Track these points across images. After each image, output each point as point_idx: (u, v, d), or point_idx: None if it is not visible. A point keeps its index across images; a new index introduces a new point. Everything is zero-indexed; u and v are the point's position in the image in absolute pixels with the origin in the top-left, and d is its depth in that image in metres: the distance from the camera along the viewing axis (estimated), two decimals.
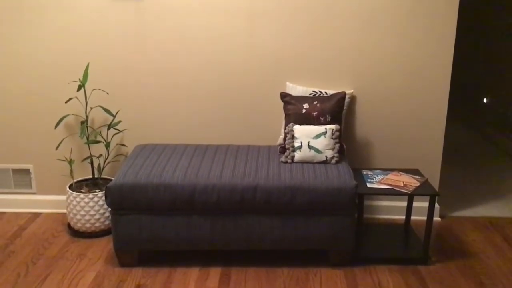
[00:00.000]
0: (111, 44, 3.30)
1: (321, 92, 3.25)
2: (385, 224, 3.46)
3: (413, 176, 3.08)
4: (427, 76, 3.30)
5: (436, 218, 3.55)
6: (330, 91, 3.23)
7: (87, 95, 3.31)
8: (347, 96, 3.21)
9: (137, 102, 3.41)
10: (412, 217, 3.43)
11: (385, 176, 3.07)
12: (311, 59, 3.30)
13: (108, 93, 3.37)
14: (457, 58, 3.59)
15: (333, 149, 3.01)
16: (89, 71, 3.31)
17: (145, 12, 3.24)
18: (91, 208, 3.18)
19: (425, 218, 2.96)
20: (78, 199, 3.16)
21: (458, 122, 6.09)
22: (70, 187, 3.29)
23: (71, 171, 3.34)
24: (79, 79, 3.22)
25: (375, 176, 3.07)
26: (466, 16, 4.74)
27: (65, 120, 3.34)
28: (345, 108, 3.22)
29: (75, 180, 3.37)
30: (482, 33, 5.83)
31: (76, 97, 3.32)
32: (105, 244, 3.16)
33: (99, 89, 3.35)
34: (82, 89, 3.24)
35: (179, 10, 3.23)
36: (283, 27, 3.24)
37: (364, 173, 3.12)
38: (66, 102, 3.31)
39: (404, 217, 3.43)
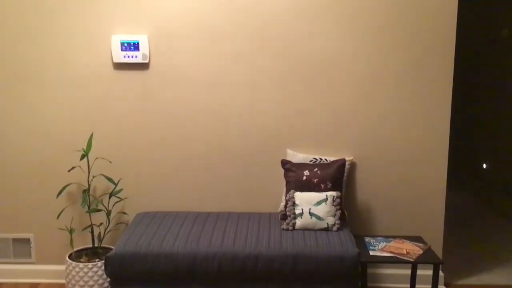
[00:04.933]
0: (114, 114, 3.38)
1: (321, 159, 3.28)
2: None
3: (416, 243, 3.05)
4: (425, 143, 3.35)
5: (441, 287, 3.47)
6: (330, 158, 3.27)
7: (90, 164, 3.34)
8: (347, 163, 3.24)
9: (139, 170, 3.44)
10: (417, 286, 3.36)
11: (387, 243, 3.04)
12: (311, 127, 3.36)
13: (110, 162, 3.41)
14: (456, 124, 3.65)
15: (334, 216, 3.00)
16: (92, 140, 3.35)
17: (148, 83, 3.33)
18: (90, 278, 3.13)
19: (430, 286, 2.91)
20: (77, 269, 3.12)
21: (459, 188, 6.09)
22: (70, 256, 3.25)
23: (71, 240, 3.32)
24: (83, 149, 3.27)
25: (377, 243, 3.04)
26: (463, 82, 4.86)
27: (67, 188, 3.35)
28: (345, 174, 3.24)
29: (75, 250, 3.34)
30: (479, 99, 5.95)
31: (79, 166, 3.35)
32: None
33: (102, 158, 3.39)
34: (85, 158, 3.28)
35: (182, 81, 3.33)
36: (283, 96, 3.33)
37: (367, 240, 3.10)
38: (69, 171, 3.34)
39: (408, 285, 3.37)
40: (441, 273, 3.45)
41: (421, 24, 3.22)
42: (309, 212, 2.99)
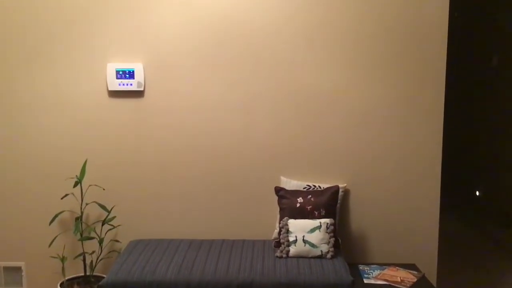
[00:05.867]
0: (109, 141, 3.39)
1: (314, 186, 3.29)
2: None
3: (410, 271, 3.04)
4: (418, 170, 3.36)
5: None
6: (324, 185, 3.28)
7: (83, 191, 3.33)
8: (340, 190, 3.24)
9: (133, 197, 3.44)
10: None
11: (381, 271, 3.04)
12: (305, 154, 3.38)
13: (104, 189, 3.40)
14: (448, 151, 3.67)
15: (328, 243, 2.99)
16: (86, 167, 3.35)
17: (143, 111, 3.35)
18: None
19: None
20: None
21: (452, 215, 6.09)
22: (62, 285, 3.21)
23: (63, 268, 3.29)
24: (76, 176, 3.26)
25: (371, 271, 3.04)
26: (455, 110, 4.92)
27: (60, 216, 3.33)
28: (339, 202, 3.24)
29: (66, 278, 3.31)
30: (472, 126, 6.01)
31: (72, 193, 3.34)
32: None
33: (95, 185, 3.39)
34: (79, 185, 3.27)
35: (176, 109, 3.35)
36: (277, 124, 3.35)
37: (361, 268, 3.09)
38: (62, 198, 3.32)
39: None
40: None
41: (411, 54, 3.27)
42: (303, 240, 2.99)
